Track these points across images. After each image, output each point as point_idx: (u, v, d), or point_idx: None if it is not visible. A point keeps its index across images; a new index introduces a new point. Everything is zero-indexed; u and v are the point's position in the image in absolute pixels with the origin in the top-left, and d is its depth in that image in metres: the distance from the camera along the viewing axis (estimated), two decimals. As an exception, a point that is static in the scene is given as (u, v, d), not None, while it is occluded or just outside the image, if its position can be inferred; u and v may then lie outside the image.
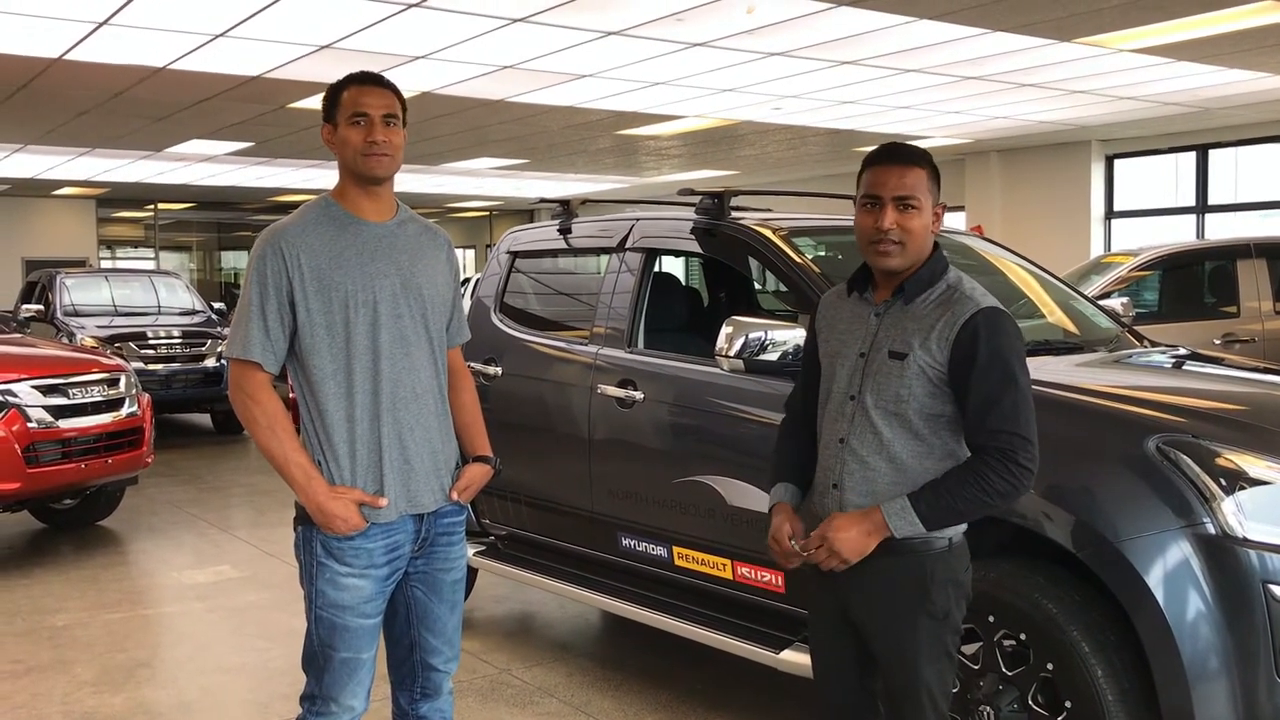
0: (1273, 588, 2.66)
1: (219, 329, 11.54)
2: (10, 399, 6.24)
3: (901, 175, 2.41)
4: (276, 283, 2.53)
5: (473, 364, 4.86)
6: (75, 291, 12.11)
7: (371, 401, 2.57)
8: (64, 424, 6.44)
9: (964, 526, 2.46)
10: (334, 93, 2.61)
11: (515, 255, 5.10)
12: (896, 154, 2.45)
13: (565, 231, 4.81)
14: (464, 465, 2.77)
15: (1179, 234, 13.81)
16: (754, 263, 4.22)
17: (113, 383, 6.86)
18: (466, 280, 15.35)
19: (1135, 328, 4.56)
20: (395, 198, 2.71)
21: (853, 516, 2.39)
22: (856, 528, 2.37)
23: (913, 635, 2.40)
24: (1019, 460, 2.30)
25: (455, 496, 2.70)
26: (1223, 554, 2.70)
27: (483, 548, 4.86)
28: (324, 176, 17.36)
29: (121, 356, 8.93)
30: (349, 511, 2.52)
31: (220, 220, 26.63)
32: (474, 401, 2.88)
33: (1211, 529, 2.71)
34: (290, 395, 2.72)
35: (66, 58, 8.78)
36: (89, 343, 10.46)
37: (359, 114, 2.56)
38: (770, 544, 2.55)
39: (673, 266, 13.83)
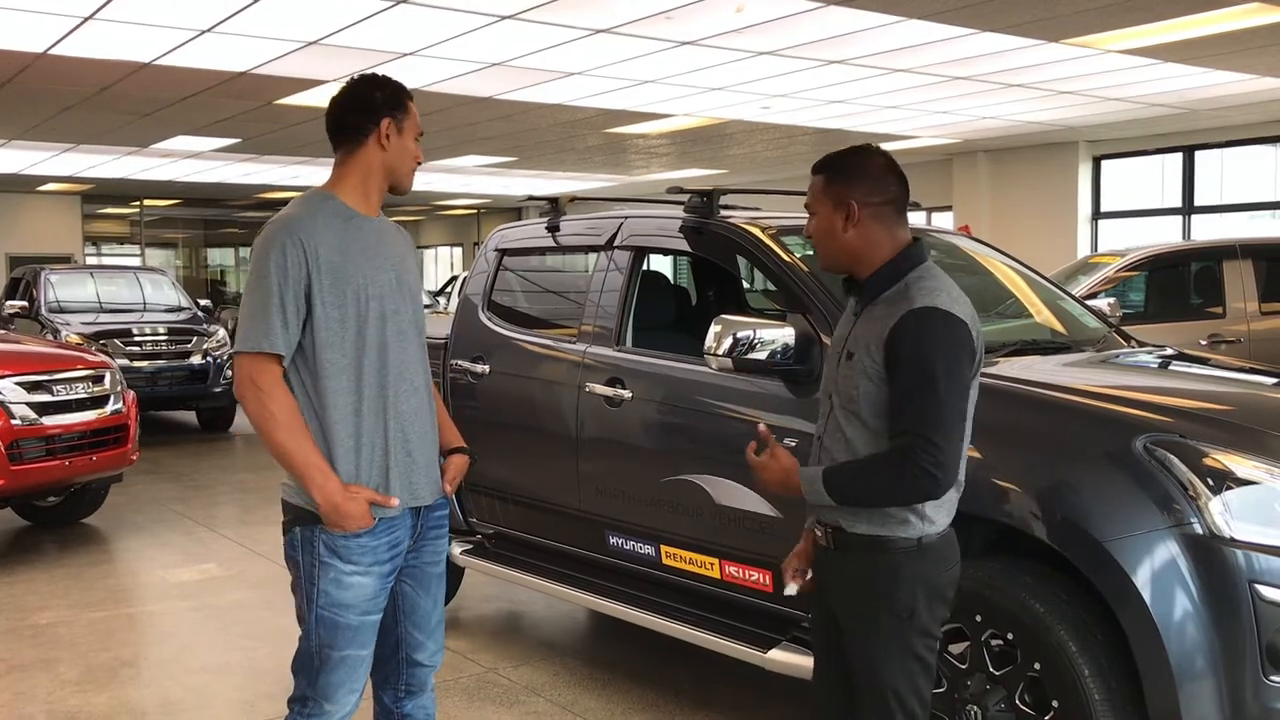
0: (1259, 587, 2.67)
1: (205, 326, 11.49)
2: (-6, 396, 6.21)
3: (810, 186, 2.52)
4: (297, 274, 2.50)
5: (460, 362, 4.85)
6: (60, 288, 12.03)
7: (378, 395, 2.58)
8: (48, 421, 6.40)
9: (939, 528, 2.43)
10: (400, 96, 2.65)
11: (503, 253, 5.09)
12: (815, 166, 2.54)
13: (554, 229, 4.80)
14: (446, 457, 2.79)
15: (1165, 235, 13.86)
16: (742, 261, 4.21)
17: (97, 380, 6.82)
18: (454, 278, 15.33)
19: (1122, 328, 4.57)
20: None
21: (792, 466, 2.46)
22: (785, 472, 2.46)
23: (874, 633, 2.40)
24: (920, 462, 2.28)
25: (448, 489, 2.74)
26: (1210, 554, 2.70)
27: (470, 546, 4.85)
28: (311, 173, 17.29)
29: (106, 353, 8.87)
30: (363, 510, 2.53)
31: (206, 217, 26.53)
32: (438, 394, 2.91)
33: (1199, 529, 2.72)
34: None
35: (51, 52, 8.72)
36: (74, 339, 10.40)
37: (420, 133, 2.68)
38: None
39: (661, 265, 13.82)
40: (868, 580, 2.41)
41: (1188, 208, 14.11)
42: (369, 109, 2.61)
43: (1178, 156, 14.13)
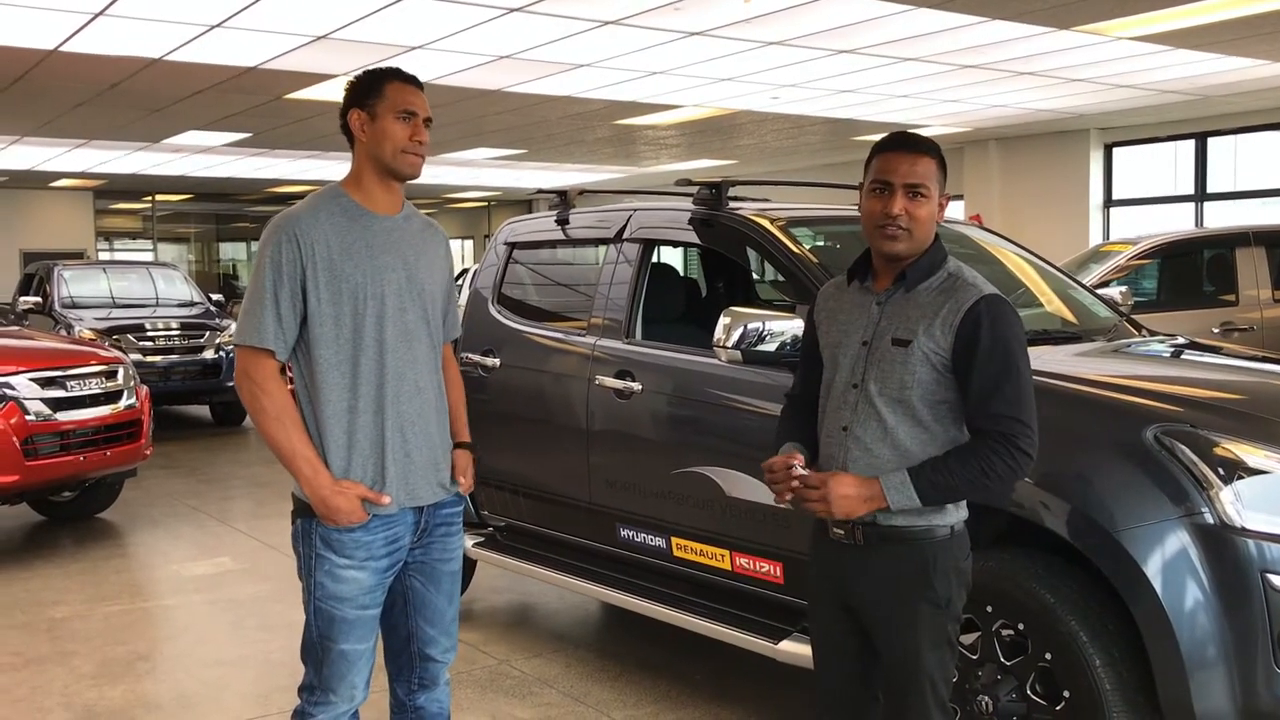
0: (1271, 577, 2.67)
1: (217, 320, 11.52)
2: (8, 391, 6.23)
3: (913, 163, 2.42)
4: (291, 270, 2.52)
5: (471, 355, 4.86)
6: (73, 284, 12.07)
7: (376, 394, 2.57)
8: (62, 416, 6.43)
9: (965, 514, 2.46)
10: (373, 82, 2.59)
11: (513, 246, 5.09)
12: (908, 142, 2.46)
13: (563, 222, 4.80)
14: (453, 452, 2.78)
15: (1177, 222, 13.79)
16: (752, 253, 4.21)
17: (111, 375, 6.85)
18: (464, 271, 15.37)
19: (1134, 317, 4.56)
20: (402, 193, 2.71)
21: (856, 479, 2.38)
22: (856, 489, 2.36)
23: (914, 623, 2.40)
24: (1020, 445, 2.31)
25: (463, 482, 2.75)
26: (1221, 543, 2.70)
27: (481, 539, 4.86)
28: (321, 167, 17.32)
29: (120, 348, 8.91)
30: (353, 505, 2.54)
31: (218, 212, 26.61)
32: (461, 395, 2.91)
33: (1210, 518, 2.72)
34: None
35: (63, 49, 8.75)
36: (87, 335, 10.45)
37: (408, 111, 2.57)
38: (765, 465, 2.51)
39: (671, 257, 13.80)
40: (906, 572, 2.40)
41: (1200, 195, 14.03)
42: (343, 110, 2.63)
43: (1190, 143, 14.05)
